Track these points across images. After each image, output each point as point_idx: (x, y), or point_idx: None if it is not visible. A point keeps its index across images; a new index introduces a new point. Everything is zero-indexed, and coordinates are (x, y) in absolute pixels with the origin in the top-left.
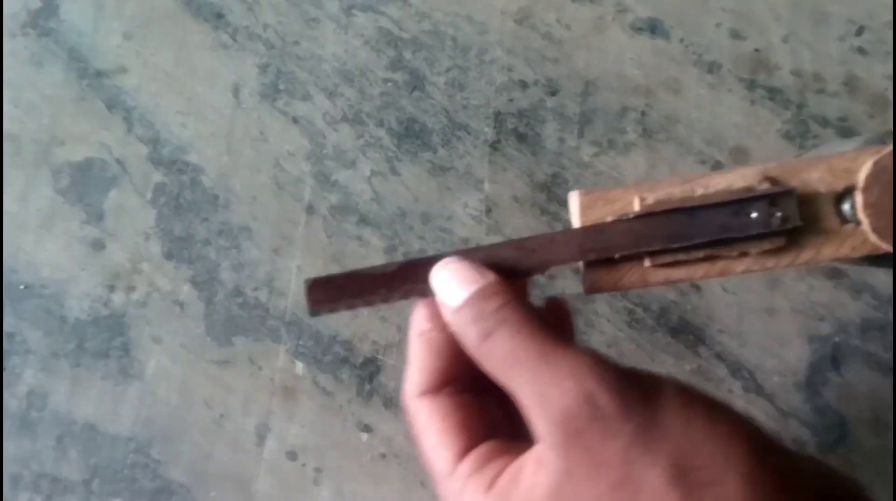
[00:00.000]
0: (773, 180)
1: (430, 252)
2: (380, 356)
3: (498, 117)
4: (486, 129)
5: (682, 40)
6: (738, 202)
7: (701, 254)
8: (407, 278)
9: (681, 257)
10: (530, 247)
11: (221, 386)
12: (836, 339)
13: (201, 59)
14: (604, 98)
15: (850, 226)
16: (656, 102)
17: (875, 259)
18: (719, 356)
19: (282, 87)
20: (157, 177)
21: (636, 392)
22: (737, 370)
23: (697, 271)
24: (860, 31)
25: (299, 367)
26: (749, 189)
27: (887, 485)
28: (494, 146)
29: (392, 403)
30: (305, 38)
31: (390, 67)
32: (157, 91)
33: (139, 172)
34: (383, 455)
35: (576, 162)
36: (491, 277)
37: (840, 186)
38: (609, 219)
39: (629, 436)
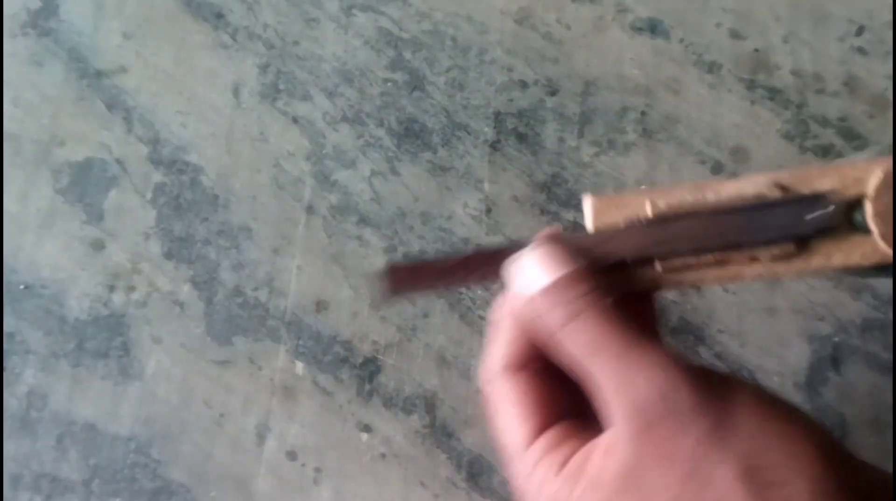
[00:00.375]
0: (784, 188)
1: (431, 253)
2: (380, 356)
3: (498, 117)
4: (486, 129)
5: (682, 40)
6: (752, 208)
7: (712, 259)
8: (479, 267)
9: (692, 261)
10: (590, 244)
11: (221, 386)
12: (837, 339)
13: (201, 59)
14: (604, 98)
15: (859, 234)
16: (656, 102)
17: (883, 269)
18: (719, 356)
19: (282, 87)
20: (157, 177)
21: (712, 390)
22: (737, 370)
23: (708, 275)
24: (860, 31)
25: (299, 367)
26: (761, 196)
27: None
28: (494, 146)
29: (392, 403)
30: (305, 38)
31: (390, 67)
32: (157, 91)
33: (139, 172)
34: (383, 455)
35: (576, 162)
36: (581, 262)
37: (851, 194)
38: (621, 223)
39: (703, 432)
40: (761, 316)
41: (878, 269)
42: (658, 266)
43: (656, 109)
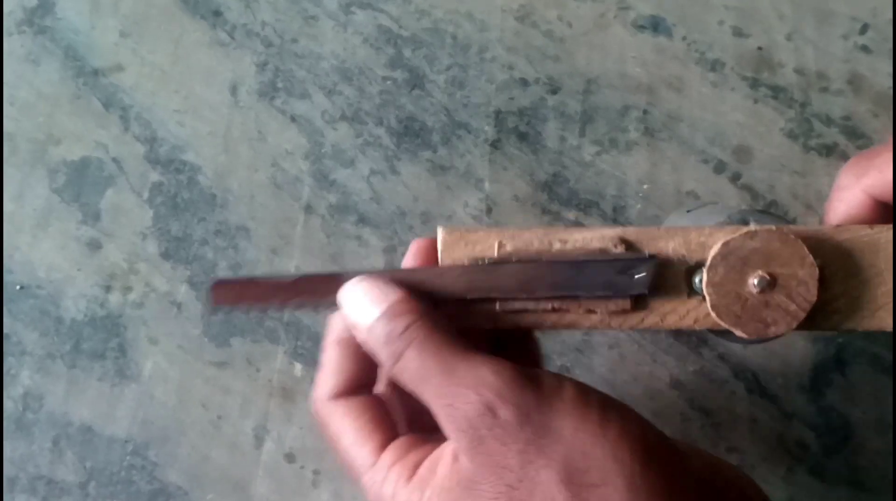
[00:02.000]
0: (628, 244)
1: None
2: None
3: (498, 116)
4: (487, 127)
5: (684, 38)
6: (591, 262)
7: (549, 306)
8: (307, 291)
9: (530, 306)
10: (419, 278)
11: (219, 388)
12: (840, 340)
13: (199, 57)
14: (605, 96)
15: (696, 299)
16: (658, 100)
17: (723, 333)
18: (722, 358)
19: (280, 85)
20: (154, 176)
21: (532, 400)
22: (740, 371)
23: (546, 320)
24: (864, 29)
25: (298, 368)
26: (604, 251)
27: (892, 487)
28: (495, 145)
29: None
30: (304, 35)
31: (390, 65)
32: (154, 89)
33: (136, 171)
34: None
35: (577, 161)
36: (397, 294)
37: (693, 259)
38: (466, 261)
39: (525, 442)
40: None
41: (720, 332)
42: (497, 306)
43: (658, 108)
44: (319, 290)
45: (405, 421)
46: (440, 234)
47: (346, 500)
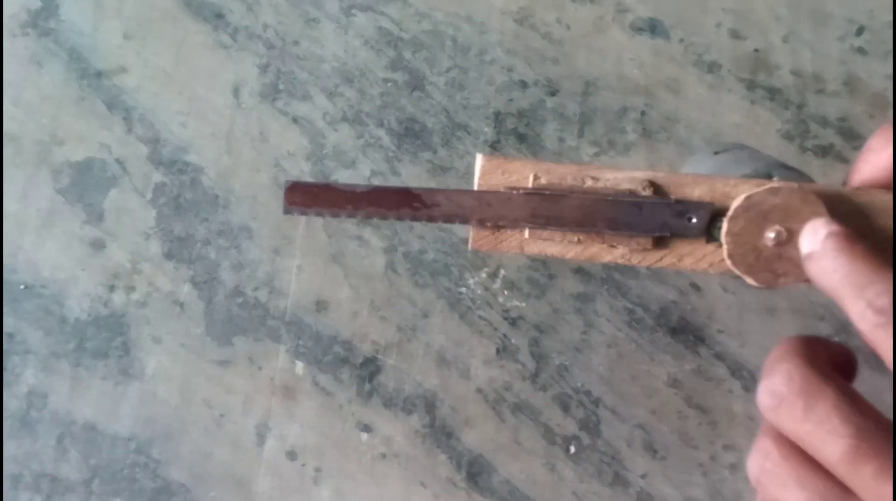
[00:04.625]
0: (656, 187)
1: (431, 253)
2: (380, 356)
3: (498, 117)
4: (486, 129)
5: (681, 40)
6: (650, 203)
7: (575, 238)
8: (379, 203)
9: (557, 235)
10: (487, 199)
11: (221, 386)
12: (837, 339)
13: (201, 59)
14: (604, 98)
15: (714, 245)
16: (656, 102)
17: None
18: (719, 356)
19: (282, 87)
20: (157, 177)
21: None
22: (737, 369)
23: (569, 251)
24: (860, 31)
25: (299, 367)
26: (633, 192)
27: None
28: (494, 146)
29: (392, 403)
30: (305, 38)
31: (390, 67)
32: (157, 91)
33: (139, 172)
34: (383, 455)
35: (576, 161)
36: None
37: (716, 206)
38: (503, 188)
39: None
40: (761, 316)
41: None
42: (527, 233)
43: (656, 110)
44: (391, 202)
45: None
46: (479, 160)
47: (348, 497)
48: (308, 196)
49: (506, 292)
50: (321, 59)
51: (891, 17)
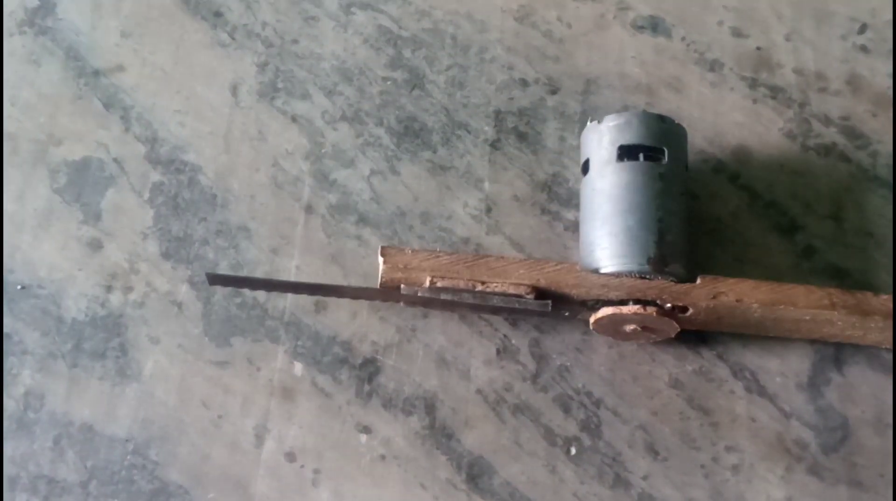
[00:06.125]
0: (539, 292)
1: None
2: (379, 357)
3: (498, 116)
4: (487, 128)
5: (683, 38)
6: (504, 309)
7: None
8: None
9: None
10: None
11: (220, 387)
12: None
13: (199, 57)
14: (605, 97)
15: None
16: (658, 100)
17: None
18: (721, 357)
19: (280, 85)
20: (155, 176)
21: None
22: (738, 370)
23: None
24: (863, 30)
25: (298, 368)
26: (518, 296)
27: (890, 487)
28: (495, 145)
29: (391, 404)
30: (304, 36)
31: (390, 66)
32: (155, 90)
33: (137, 171)
34: (382, 457)
35: (577, 161)
36: None
37: (591, 298)
38: (402, 285)
39: None
40: None
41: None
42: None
43: (658, 108)
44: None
45: None
46: (381, 255)
47: (347, 499)
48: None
49: None
50: (320, 58)
51: (892, 15)
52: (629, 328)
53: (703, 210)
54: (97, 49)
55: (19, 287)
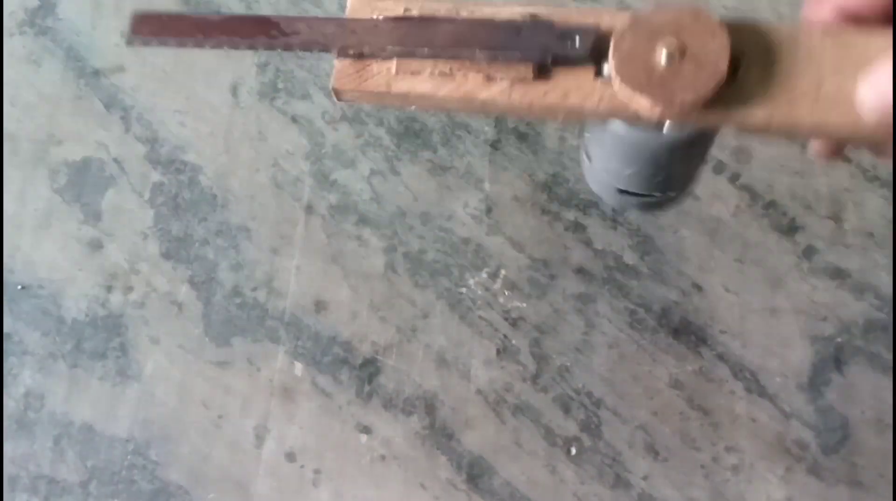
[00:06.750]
0: (537, 19)
1: (431, 253)
2: (379, 357)
3: (498, 117)
4: (487, 128)
5: None
6: (532, 25)
7: (446, 68)
8: (232, 32)
9: (427, 65)
10: (351, 27)
11: (220, 387)
12: (839, 339)
13: (200, 58)
14: None
15: (603, 82)
16: None
17: (639, 197)
18: (721, 357)
19: (281, 86)
20: (155, 176)
21: None
22: (739, 371)
23: (441, 88)
24: None
25: (298, 368)
26: (511, 21)
27: (891, 487)
28: (495, 146)
29: (392, 404)
30: None
31: None
32: (156, 90)
33: (137, 171)
34: (383, 457)
35: (577, 161)
36: None
37: (601, 31)
38: (375, 16)
39: None
40: (763, 317)
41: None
42: (394, 67)
43: None
44: (246, 30)
45: None
46: None
47: (347, 499)
48: (157, 26)
49: (506, 293)
50: (320, 58)
51: None
52: (663, 53)
53: (703, 210)
54: (97, 49)
55: (20, 287)
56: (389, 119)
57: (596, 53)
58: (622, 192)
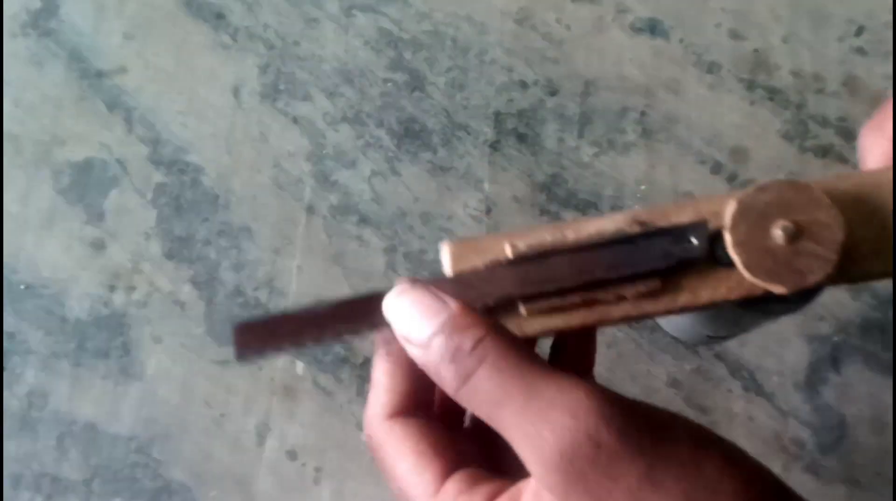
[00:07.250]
0: (643, 224)
1: (431, 254)
2: None
3: (498, 117)
4: (486, 129)
5: (681, 40)
6: (613, 243)
7: (577, 299)
8: (342, 319)
9: (556, 302)
10: (464, 282)
11: (222, 386)
12: (836, 339)
13: (202, 59)
14: (603, 98)
15: (724, 269)
16: (656, 102)
17: (759, 308)
18: (719, 356)
19: (282, 87)
20: (158, 177)
21: (643, 426)
22: (736, 369)
23: (575, 318)
24: (860, 32)
25: (299, 367)
26: (620, 232)
27: (887, 485)
28: (494, 146)
29: None
30: (306, 38)
31: (390, 68)
32: (158, 91)
33: (140, 172)
34: None
35: (576, 162)
36: (456, 304)
37: (710, 228)
38: (481, 266)
39: (638, 477)
40: None
41: (757, 304)
42: (522, 309)
43: (656, 110)
44: (357, 315)
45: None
46: (445, 247)
47: (348, 498)
48: (263, 333)
49: None
50: (321, 60)
51: (890, 17)
52: (779, 234)
53: None
54: (100, 51)
55: (23, 287)
56: (390, 120)
57: (711, 246)
58: (710, 338)
